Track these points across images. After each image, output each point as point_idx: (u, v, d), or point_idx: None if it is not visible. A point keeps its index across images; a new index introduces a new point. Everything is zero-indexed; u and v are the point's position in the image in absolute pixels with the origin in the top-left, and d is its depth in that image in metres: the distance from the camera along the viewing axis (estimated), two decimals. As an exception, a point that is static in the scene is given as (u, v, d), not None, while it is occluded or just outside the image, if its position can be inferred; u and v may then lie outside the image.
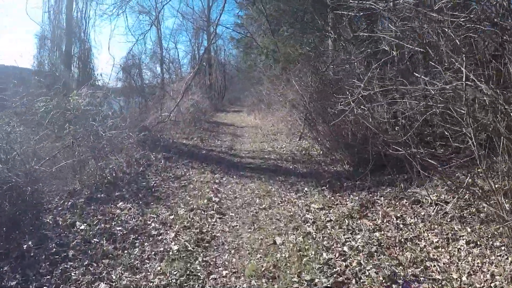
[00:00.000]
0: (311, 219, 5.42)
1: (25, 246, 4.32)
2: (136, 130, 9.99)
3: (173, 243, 4.70)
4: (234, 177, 8.03)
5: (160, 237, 4.88)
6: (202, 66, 36.03)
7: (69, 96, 8.21)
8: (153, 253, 4.45)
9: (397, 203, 5.83)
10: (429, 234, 4.65)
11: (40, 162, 5.85)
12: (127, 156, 8.38)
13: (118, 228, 5.06)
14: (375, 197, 6.23)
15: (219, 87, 38.96)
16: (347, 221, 5.27)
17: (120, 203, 6.05)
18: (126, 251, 4.44)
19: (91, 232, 4.85)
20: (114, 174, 7.33)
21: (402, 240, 4.59)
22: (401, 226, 5.03)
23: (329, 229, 5.06)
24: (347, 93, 5.89)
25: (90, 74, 15.28)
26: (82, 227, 4.99)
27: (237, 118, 23.53)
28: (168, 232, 5.04)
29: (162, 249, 4.55)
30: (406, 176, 6.60)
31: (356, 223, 5.21)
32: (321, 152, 9.96)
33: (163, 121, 13.03)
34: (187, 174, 8.18)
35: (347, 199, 6.28)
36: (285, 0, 14.64)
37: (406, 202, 5.76)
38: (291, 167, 8.83)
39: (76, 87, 10.01)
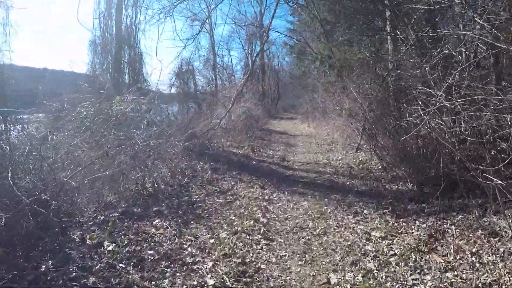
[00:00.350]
0: (372, 252, 4.66)
1: (44, 267, 3.89)
2: (183, 138, 9.58)
3: (209, 276, 4.10)
4: (286, 193, 7.38)
5: (195, 266, 4.30)
6: (255, 72, 35.99)
7: (113, 102, 7.90)
8: (184, 287, 3.88)
9: (471, 235, 4.96)
10: (511, 278, 3.82)
11: (73, 172, 5.47)
12: (171, 166, 7.95)
13: (149, 252, 4.53)
14: (445, 226, 5.38)
15: (272, 94, 38.70)
16: (413, 256, 4.49)
17: (157, 221, 5.55)
18: (153, 283, 3.90)
19: (118, 255, 4.35)
20: (156, 186, 6.91)
21: (480, 285, 3.79)
22: (477, 265, 4.20)
23: (393, 266, 4.30)
24: (419, 103, 5.09)
25: (140, 80, 15.28)
26: (110, 247, 4.51)
27: (290, 126, 22.88)
28: (206, 260, 4.45)
29: (195, 282, 3.96)
30: (480, 201, 5.72)
31: (425, 259, 4.42)
32: (380, 167, 9.12)
33: (213, 129, 12.59)
34: (235, 188, 7.61)
35: (413, 226, 5.46)
36: (340, 1, 13.76)
37: (482, 234, 4.89)
38: (348, 183, 8.06)
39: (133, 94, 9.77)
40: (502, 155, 5.17)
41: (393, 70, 8.61)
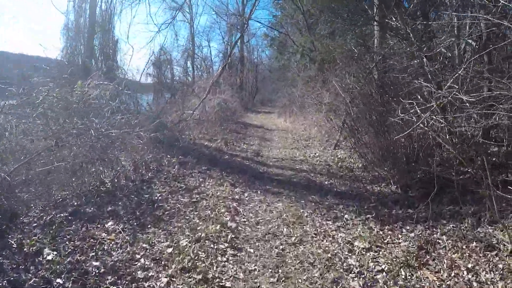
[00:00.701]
0: (356, 267, 3.96)
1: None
2: (150, 128, 8.71)
3: (162, 297, 3.31)
4: (258, 192, 6.63)
5: (146, 284, 3.50)
6: (234, 64, 35.14)
7: (74, 87, 6.98)
8: (130, 313, 3.08)
9: (464, 247, 4.37)
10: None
11: (16, 164, 4.60)
12: (135, 159, 7.11)
13: (95, 264, 3.71)
14: (435, 235, 4.78)
15: (250, 87, 37.93)
16: (403, 273, 3.84)
17: (110, 223, 4.73)
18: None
19: (58, 266, 3.53)
20: (116, 181, 6.06)
21: (480, 309, 3.13)
22: (475, 284, 3.60)
23: (380, 286, 3.60)
24: (418, 97, 4.41)
25: (114, 67, 14.24)
26: (50, 257, 3.68)
27: (267, 120, 22.15)
28: (160, 275, 3.66)
29: (144, 306, 3.16)
30: (473, 208, 5.14)
31: (416, 276, 3.79)
32: (360, 166, 8.48)
33: (185, 120, 11.75)
34: (202, 185, 6.81)
35: (400, 235, 4.82)
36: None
37: (477, 247, 4.32)
38: (326, 182, 7.37)
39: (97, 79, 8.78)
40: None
41: (380, 62, 7.94)
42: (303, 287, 3.58)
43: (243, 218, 5.36)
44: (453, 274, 3.78)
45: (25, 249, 3.77)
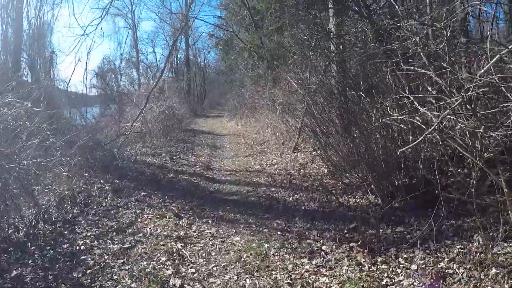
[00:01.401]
0: None
1: None
2: (83, 148, 7.07)
3: None
4: (210, 222, 5.18)
5: None
6: (180, 69, 33.48)
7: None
8: None
9: (483, 276, 3.27)
10: None
11: None
12: (57, 192, 5.49)
13: None
14: (441, 263, 3.57)
15: (198, 92, 36.38)
16: None
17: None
18: None
19: None
20: (29, 224, 4.48)
21: None
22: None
23: None
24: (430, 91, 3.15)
25: (51, 78, 12.30)
26: None
27: (217, 125, 20.71)
28: None
29: None
30: (481, 222, 3.97)
31: None
32: (326, 172, 7.25)
33: (124, 134, 10.07)
34: (139, 220, 5.25)
35: (398, 270, 3.55)
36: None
37: (499, 274, 3.21)
38: (291, 199, 6.05)
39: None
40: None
41: (340, 51, 6.73)
42: None
43: (191, 267, 3.86)
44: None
45: None
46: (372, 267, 3.64)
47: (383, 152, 5.36)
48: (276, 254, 4.05)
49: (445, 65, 3.44)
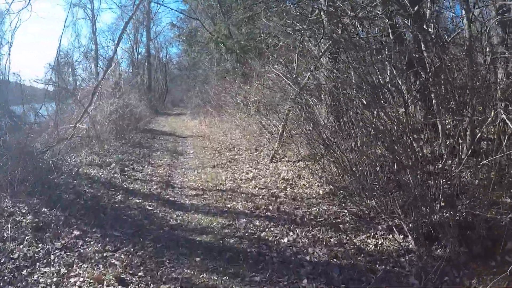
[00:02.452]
0: None
1: None
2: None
3: None
4: (170, 289, 3.19)
5: None
6: (141, 64, 30.92)
7: None
8: None
9: None
10: None
11: None
12: None
13: None
14: None
15: (160, 88, 33.86)
16: None
17: None
18: None
19: None
20: None
21: None
22: None
23: None
24: None
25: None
26: None
27: (179, 124, 18.52)
28: None
29: None
30: None
31: None
32: (320, 192, 5.49)
33: (65, 139, 7.83)
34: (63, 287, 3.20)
35: None
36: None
37: None
38: (286, 240, 4.15)
39: None
40: None
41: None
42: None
43: None
44: None
45: None
46: None
47: (413, 167, 3.62)
48: None
49: None
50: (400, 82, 4.65)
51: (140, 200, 5.60)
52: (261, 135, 9.58)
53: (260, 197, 5.61)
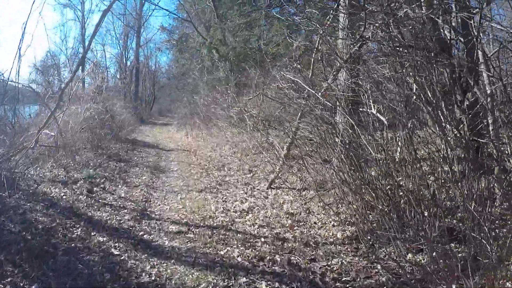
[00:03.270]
0: None
1: None
2: None
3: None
4: None
5: None
6: (129, 70, 29.49)
7: None
8: None
9: None
10: None
11: None
12: None
13: None
14: None
15: (147, 96, 32.43)
16: None
17: None
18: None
19: None
20: None
21: None
22: None
23: None
24: None
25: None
26: None
27: (164, 135, 17.09)
28: None
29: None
30: None
31: None
32: (339, 235, 4.21)
33: (25, 148, 6.39)
34: None
35: None
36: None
37: None
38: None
39: None
40: None
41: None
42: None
43: None
44: None
45: None
46: None
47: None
48: None
49: None
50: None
51: (105, 239, 4.15)
52: (256, 154, 8.27)
53: (262, 240, 4.25)
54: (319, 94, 4.21)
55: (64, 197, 5.53)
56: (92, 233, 4.27)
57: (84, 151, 8.69)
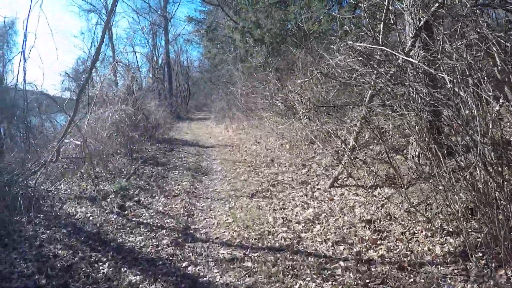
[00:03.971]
0: None
1: None
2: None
3: None
4: None
5: None
6: (161, 68, 29.00)
7: None
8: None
9: None
10: None
11: None
12: None
13: None
14: None
15: (182, 92, 31.98)
16: None
17: None
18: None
19: None
20: None
21: None
22: None
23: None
24: None
25: None
26: None
27: (202, 130, 16.29)
28: None
29: None
30: None
31: None
32: (437, 250, 3.08)
33: (44, 164, 5.66)
34: None
35: None
36: None
37: None
38: None
39: None
40: None
41: None
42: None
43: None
44: None
45: None
46: None
47: None
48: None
49: None
50: None
51: (138, 278, 3.17)
52: (308, 146, 7.20)
53: (342, 264, 3.18)
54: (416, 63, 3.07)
55: (91, 218, 4.67)
56: (123, 269, 3.34)
57: (117, 157, 7.92)
